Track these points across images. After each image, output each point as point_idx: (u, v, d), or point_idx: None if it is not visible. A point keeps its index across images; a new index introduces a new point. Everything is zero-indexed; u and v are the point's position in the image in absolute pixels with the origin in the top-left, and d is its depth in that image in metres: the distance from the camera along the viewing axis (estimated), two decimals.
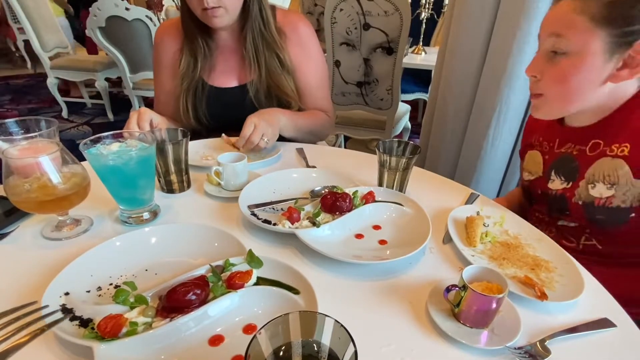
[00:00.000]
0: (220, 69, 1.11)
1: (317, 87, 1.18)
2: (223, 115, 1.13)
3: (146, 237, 0.63)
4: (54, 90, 3.33)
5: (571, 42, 0.65)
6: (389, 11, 1.74)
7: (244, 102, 1.10)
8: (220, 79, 1.11)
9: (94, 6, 2.57)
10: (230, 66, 1.12)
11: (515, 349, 0.48)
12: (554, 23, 0.68)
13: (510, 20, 1.19)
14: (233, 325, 0.50)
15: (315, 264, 0.62)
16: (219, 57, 1.11)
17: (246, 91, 1.09)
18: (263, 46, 1.06)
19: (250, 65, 1.08)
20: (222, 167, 0.80)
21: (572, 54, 0.66)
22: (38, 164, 0.61)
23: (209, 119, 1.13)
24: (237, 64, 1.11)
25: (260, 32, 1.05)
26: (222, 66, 1.11)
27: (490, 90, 1.28)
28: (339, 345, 0.37)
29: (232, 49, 1.11)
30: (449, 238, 0.69)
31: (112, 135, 0.69)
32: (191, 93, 1.09)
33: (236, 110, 1.08)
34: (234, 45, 1.10)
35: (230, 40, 1.10)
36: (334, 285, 0.59)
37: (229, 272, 0.55)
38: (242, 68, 1.11)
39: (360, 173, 0.90)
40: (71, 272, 0.54)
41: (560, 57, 0.67)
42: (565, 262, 0.64)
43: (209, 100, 1.10)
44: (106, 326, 0.45)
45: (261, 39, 1.05)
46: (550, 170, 0.82)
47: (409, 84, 2.70)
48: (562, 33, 0.66)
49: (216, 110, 1.12)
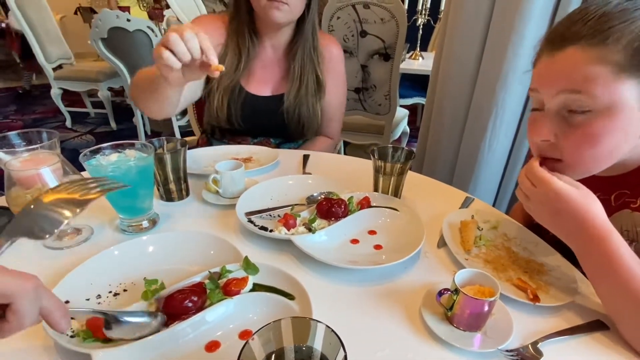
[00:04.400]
0: (258, 77, 1.15)
1: (336, 110, 1.26)
2: (253, 121, 1.17)
3: (144, 246, 0.64)
4: (58, 101, 3.38)
5: (597, 98, 0.54)
6: (385, 18, 1.76)
7: (276, 112, 1.15)
8: (256, 86, 1.15)
9: (96, 18, 2.61)
10: (268, 76, 1.16)
11: (507, 352, 0.48)
12: (564, 78, 0.56)
13: (505, 23, 1.20)
14: (229, 331, 0.51)
15: (311, 269, 0.63)
16: (258, 64, 1.15)
17: (281, 102, 1.14)
18: (308, 64, 1.13)
19: (292, 80, 1.13)
20: (220, 175, 0.81)
21: (599, 112, 0.54)
22: (39, 175, 0.62)
23: (240, 122, 1.15)
24: (274, 75, 1.17)
25: (310, 51, 1.13)
26: (260, 74, 1.16)
27: (486, 93, 1.29)
28: (330, 350, 0.38)
29: (272, 60, 1.16)
30: (443, 242, 0.69)
31: (111, 146, 0.70)
32: (228, 92, 1.11)
33: (266, 117, 1.16)
34: (274, 57, 1.16)
35: (271, 51, 1.16)
36: (329, 290, 0.59)
37: (225, 279, 0.56)
38: (278, 79, 1.17)
39: (357, 179, 0.91)
40: (71, 280, 0.55)
41: (583, 117, 0.56)
42: (559, 266, 0.64)
43: (243, 105, 1.13)
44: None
45: (308, 58, 1.13)
46: None
47: (407, 89, 2.72)
48: (581, 89, 0.54)
49: (248, 115, 1.15)
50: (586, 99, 0.54)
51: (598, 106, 0.54)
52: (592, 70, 0.53)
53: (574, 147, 0.58)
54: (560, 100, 0.57)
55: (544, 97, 0.60)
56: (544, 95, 0.60)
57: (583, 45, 0.54)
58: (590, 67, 0.53)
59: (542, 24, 1.17)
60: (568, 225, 0.57)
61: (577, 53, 0.54)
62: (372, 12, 1.77)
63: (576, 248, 0.57)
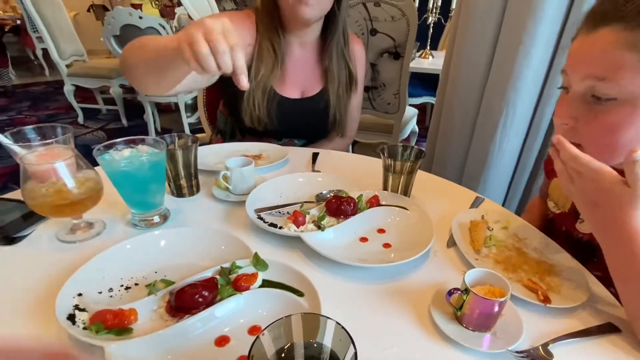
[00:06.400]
0: (288, 77, 1.14)
1: (355, 109, 1.28)
2: (288, 123, 1.16)
3: (156, 240, 0.65)
4: (71, 97, 3.43)
5: (623, 87, 0.52)
6: (396, 16, 1.75)
7: (309, 113, 1.16)
8: (288, 88, 1.14)
9: (108, 15, 2.65)
10: (298, 76, 1.15)
11: (517, 353, 0.48)
12: (592, 61, 0.55)
13: (517, 23, 1.19)
14: (238, 326, 0.51)
15: (320, 266, 0.63)
16: (289, 67, 1.13)
17: (314, 103, 1.15)
18: (341, 61, 1.15)
19: (331, 80, 1.14)
20: (230, 172, 0.82)
21: (623, 101, 0.53)
22: (54, 170, 0.64)
23: (277, 125, 1.13)
24: (305, 75, 1.16)
25: (342, 48, 1.13)
26: (290, 75, 1.14)
27: (497, 93, 1.28)
28: (340, 347, 0.38)
29: (301, 59, 1.15)
30: (452, 242, 0.69)
31: (124, 141, 0.71)
32: (265, 96, 1.08)
33: (300, 120, 1.16)
34: (303, 56, 1.15)
35: (300, 51, 1.14)
36: (337, 287, 0.59)
37: (235, 274, 0.56)
38: (308, 80, 1.16)
39: (366, 177, 0.91)
40: (84, 273, 0.56)
41: (606, 104, 0.54)
42: (570, 267, 0.63)
43: (278, 108, 1.11)
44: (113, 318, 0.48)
45: (341, 55, 1.14)
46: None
47: (416, 88, 2.70)
48: (608, 76, 0.53)
49: (283, 118, 1.13)
50: (612, 87, 0.53)
51: (623, 95, 0.52)
52: (623, 56, 0.51)
53: (593, 134, 0.57)
54: (586, 85, 0.56)
55: (571, 79, 0.58)
56: (571, 78, 0.58)
57: (619, 27, 0.51)
58: (621, 52, 0.51)
59: (555, 24, 1.15)
60: (605, 218, 0.55)
61: (610, 35, 0.52)
62: (382, 10, 1.76)
63: (607, 244, 0.56)
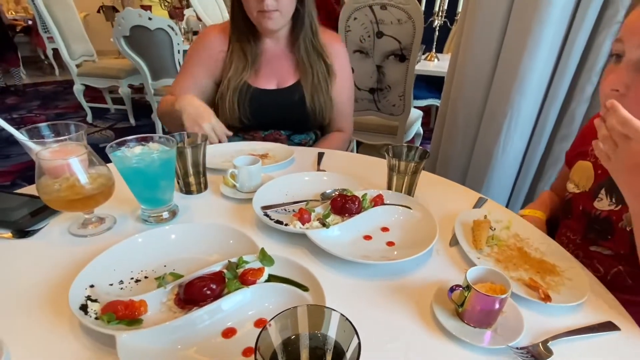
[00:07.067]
0: (263, 72, 1.21)
1: (345, 104, 1.29)
2: (263, 115, 1.21)
3: (166, 235, 0.67)
4: (80, 96, 3.48)
5: None
6: (402, 19, 1.76)
7: (285, 104, 1.20)
8: (263, 81, 1.20)
9: (118, 16, 2.69)
10: (273, 70, 1.21)
11: (517, 349, 0.49)
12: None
13: (522, 26, 1.19)
14: (245, 319, 0.52)
15: (324, 263, 0.65)
16: (262, 61, 1.21)
17: (290, 94, 1.19)
18: (312, 53, 1.19)
19: (303, 70, 1.19)
20: (237, 170, 0.83)
21: None
22: (67, 165, 0.66)
23: (249, 117, 1.20)
24: (279, 68, 1.21)
25: (311, 40, 1.18)
26: (265, 69, 1.21)
27: (502, 96, 1.29)
28: (344, 338, 0.39)
29: (275, 53, 1.21)
30: (455, 241, 0.70)
31: (135, 139, 0.73)
32: (237, 93, 1.17)
33: (275, 110, 1.20)
34: (277, 50, 1.21)
35: (274, 46, 1.21)
36: (341, 283, 0.61)
37: (242, 269, 0.58)
38: (283, 72, 1.21)
39: (370, 177, 0.92)
40: (96, 266, 0.58)
41: None
42: (571, 266, 0.64)
43: (251, 101, 1.18)
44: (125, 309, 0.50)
45: (312, 46, 1.19)
46: (600, 188, 0.73)
47: (421, 90, 2.71)
48: None
49: (256, 110, 1.20)
50: None
51: None
52: None
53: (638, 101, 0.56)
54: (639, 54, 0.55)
55: (625, 47, 0.58)
56: (626, 45, 0.58)
57: None
58: None
59: (560, 27, 1.16)
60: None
61: None
62: (389, 13, 1.78)
63: None
